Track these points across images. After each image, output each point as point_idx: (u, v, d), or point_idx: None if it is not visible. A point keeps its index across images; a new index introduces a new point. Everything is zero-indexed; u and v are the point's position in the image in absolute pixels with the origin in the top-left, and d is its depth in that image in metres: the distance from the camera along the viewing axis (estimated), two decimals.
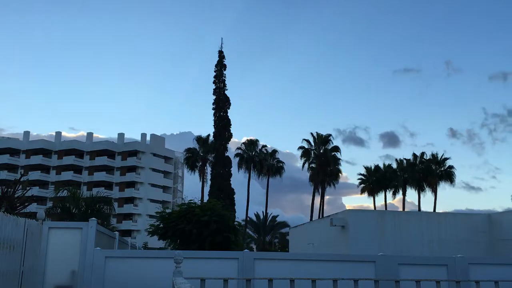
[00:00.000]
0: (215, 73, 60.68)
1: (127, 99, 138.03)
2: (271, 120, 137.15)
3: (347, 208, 62.53)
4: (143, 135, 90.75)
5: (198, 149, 66.09)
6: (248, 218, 66.40)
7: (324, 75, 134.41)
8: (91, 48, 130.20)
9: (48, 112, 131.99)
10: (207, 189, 59.17)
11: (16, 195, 17.35)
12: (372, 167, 70.52)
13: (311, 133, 66.15)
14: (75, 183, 73.25)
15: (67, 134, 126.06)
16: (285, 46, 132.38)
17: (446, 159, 66.57)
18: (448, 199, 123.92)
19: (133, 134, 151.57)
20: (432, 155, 66.97)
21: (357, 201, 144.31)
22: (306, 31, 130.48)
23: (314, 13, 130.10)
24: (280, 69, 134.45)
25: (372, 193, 70.14)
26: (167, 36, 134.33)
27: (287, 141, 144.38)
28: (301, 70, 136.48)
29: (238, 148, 67.20)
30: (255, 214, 72.13)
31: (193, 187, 67.45)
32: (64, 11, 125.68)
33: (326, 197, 69.37)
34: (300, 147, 65.51)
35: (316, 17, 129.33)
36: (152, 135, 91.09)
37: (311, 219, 58.77)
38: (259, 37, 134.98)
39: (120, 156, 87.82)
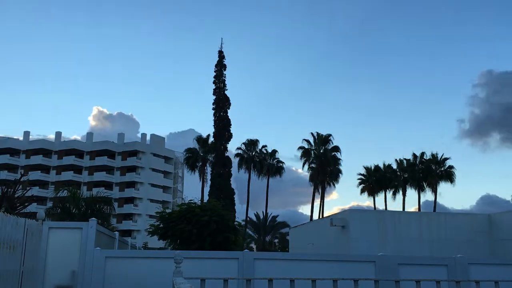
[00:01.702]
0: (215, 73, 60.72)
1: (126, 99, 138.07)
2: (271, 120, 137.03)
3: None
4: (143, 135, 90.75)
5: (198, 149, 66.05)
6: (248, 218, 66.40)
7: (324, 75, 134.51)
8: (94, 47, 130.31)
9: None
10: (207, 189, 59.26)
11: (16, 195, 17.37)
12: (372, 167, 70.37)
13: (311, 133, 66.15)
14: (75, 183, 73.24)
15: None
16: (285, 45, 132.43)
17: (446, 159, 66.55)
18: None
19: (131, 134, 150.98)
20: (432, 155, 66.89)
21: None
22: (306, 30, 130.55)
23: (314, 12, 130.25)
24: (280, 68, 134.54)
25: (372, 193, 70.04)
26: (166, 36, 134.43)
27: (287, 141, 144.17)
28: (301, 69, 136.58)
29: (238, 148, 67.24)
30: (255, 214, 72.23)
31: (193, 187, 67.44)
32: (62, 11, 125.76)
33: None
34: (300, 147, 65.53)
35: (316, 16, 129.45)
36: (152, 135, 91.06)
37: (311, 219, 58.76)
38: (259, 37, 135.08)
39: (120, 156, 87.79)
